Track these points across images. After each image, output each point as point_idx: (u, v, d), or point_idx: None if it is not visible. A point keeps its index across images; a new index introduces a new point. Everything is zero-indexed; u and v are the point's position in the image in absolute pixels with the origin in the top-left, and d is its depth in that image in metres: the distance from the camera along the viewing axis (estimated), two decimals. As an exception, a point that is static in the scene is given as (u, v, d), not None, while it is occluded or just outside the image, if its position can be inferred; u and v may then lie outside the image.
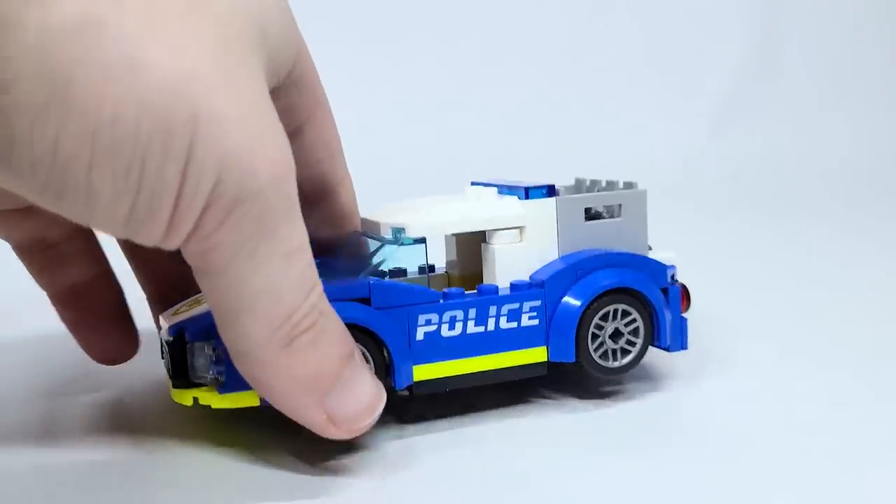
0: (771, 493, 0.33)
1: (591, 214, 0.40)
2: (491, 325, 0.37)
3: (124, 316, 0.41)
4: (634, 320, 0.39)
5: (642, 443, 0.37)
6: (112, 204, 0.25)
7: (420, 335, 0.36)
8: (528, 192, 0.39)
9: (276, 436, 0.36)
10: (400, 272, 0.42)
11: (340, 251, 0.40)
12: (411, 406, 0.39)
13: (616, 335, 0.39)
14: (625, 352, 0.39)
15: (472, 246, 0.42)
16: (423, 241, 0.38)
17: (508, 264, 0.38)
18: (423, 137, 0.89)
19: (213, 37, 0.26)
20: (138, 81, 0.24)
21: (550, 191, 0.39)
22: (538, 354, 0.38)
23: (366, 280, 0.36)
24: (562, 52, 0.99)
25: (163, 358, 0.36)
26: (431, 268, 0.44)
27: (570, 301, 0.38)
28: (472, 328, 0.37)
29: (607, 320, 0.38)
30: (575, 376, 0.42)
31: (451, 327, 0.37)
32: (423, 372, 0.37)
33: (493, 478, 0.33)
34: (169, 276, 0.41)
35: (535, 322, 0.38)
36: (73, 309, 0.40)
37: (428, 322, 0.36)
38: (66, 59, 0.24)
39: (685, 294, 0.40)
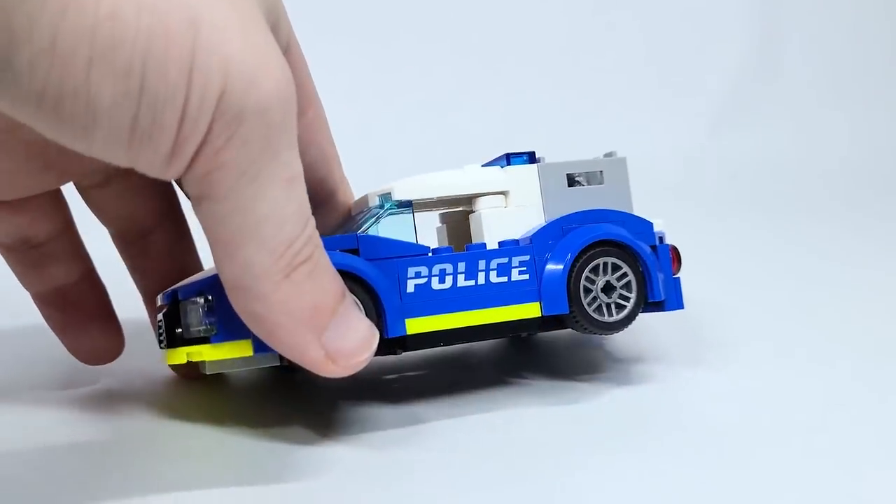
0: (771, 493, 0.33)
1: (574, 182, 0.41)
2: (481, 279, 0.38)
3: (109, 316, 0.41)
4: (625, 274, 0.39)
5: (640, 441, 0.37)
6: (113, 111, 0.24)
7: (411, 287, 0.37)
8: (509, 159, 0.40)
9: (272, 415, 0.36)
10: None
11: (336, 233, 0.40)
12: (400, 387, 0.39)
13: (608, 289, 0.39)
14: (619, 307, 0.39)
15: (461, 233, 0.42)
16: (408, 204, 0.39)
17: (496, 228, 0.39)
18: (421, 138, 0.89)
19: None
20: None
21: (531, 157, 0.40)
22: (532, 310, 0.38)
23: (354, 233, 0.36)
24: (561, 52, 0.99)
25: (160, 344, 0.36)
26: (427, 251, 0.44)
27: (559, 253, 0.39)
28: (462, 282, 0.37)
29: (598, 274, 0.39)
30: (571, 361, 0.42)
31: (441, 280, 0.37)
32: (416, 325, 0.37)
33: (487, 469, 0.33)
34: (164, 274, 0.40)
35: (526, 277, 0.38)
36: (57, 309, 0.40)
37: (418, 275, 0.37)
38: None
39: (676, 256, 0.41)
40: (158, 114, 0.24)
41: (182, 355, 0.34)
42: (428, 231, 0.44)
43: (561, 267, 0.38)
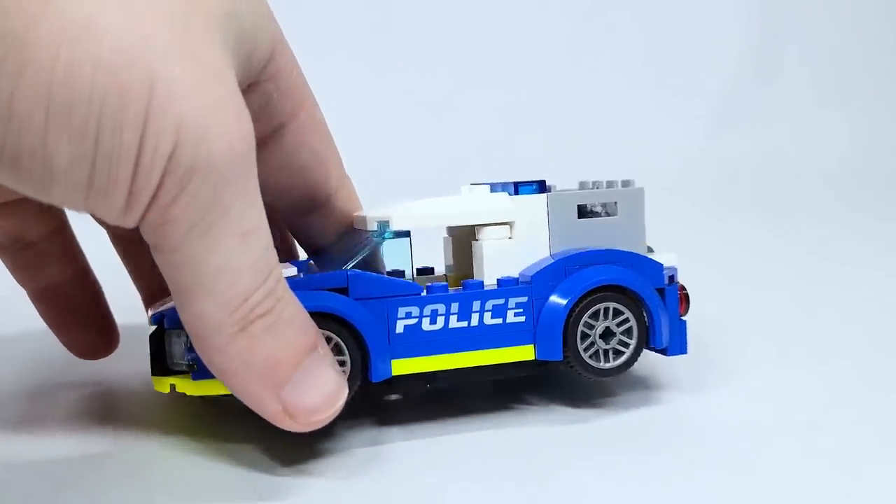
0: (771, 493, 0.33)
1: (586, 213, 0.39)
2: (475, 321, 0.36)
3: (103, 312, 0.41)
4: (627, 320, 0.37)
5: (641, 444, 0.37)
6: (70, 170, 0.25)
7: (400, 328, 0.35)
8: (517, 188, 0.38)
9: (250, 432, 0.36)
10: (398, 273, 0.42)
11: (335, 247, 0.40)
12: (391, 409, 0.39)
13: (607, 335, 0.37)
14: (617, 353, 0.38)
15: (467, 247, 0.41)
16: (406, 234, 0.38)
17: (497, 260, 0.38)
18: (421, 138, 0.89)
19: (172, 10, 0.26)
20: (94, 42, 0.24)
21: (541, 187, 0.39)
22: (525, 353, 0.37)
23: (344, 270, 0.35)
24: (561, 53, 0.99)
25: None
26: (430, 269, 0.44)
27: (558, 298, 0.37)
28: (454, 323, 0.36)
29: (598, 319, 0.37)
30: (566, 381, 0.42)
31: (433, 321, 0.36)
32: (403, 366, 0.36)
33: (476, 489, 0.33)
34: (161, 276, 0.40)
35: (521, 319, 0.37)
36: (52, 306, 0.40)
37: (408, 315, 0.36)
38: (22, 15, 0.23)
39: (684, 297, 0.39)
40: (112, 172, 0.25)
41: (166, 385, 0.34)
42: (434, 240, 0.43)
43: (559, 312, 0.36)
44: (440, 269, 0.44)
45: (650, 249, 0.41)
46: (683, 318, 0.39)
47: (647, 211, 0.41)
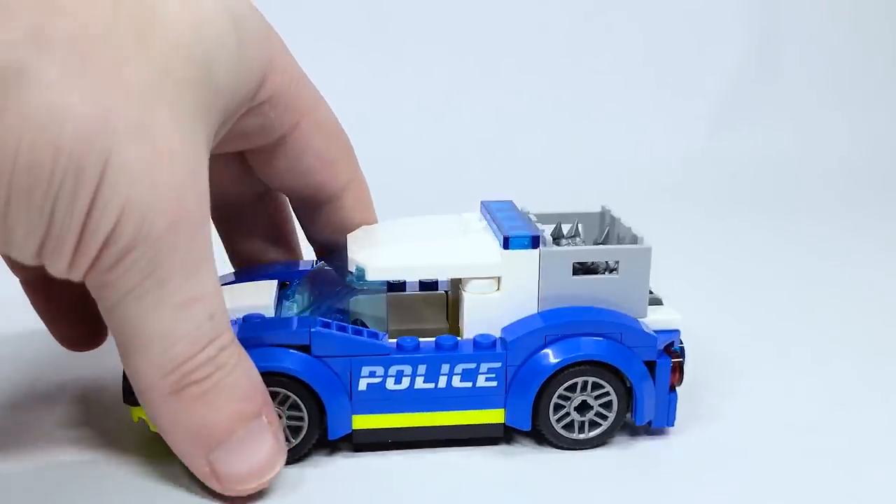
0: (771, 492, 0.33)
1: (587, 266, 0.38)
2: (442, 383, 0.35)
3: (93, 302, 0.41)
4: (607, 393, 0.35)
5: (638, 442, 0.37)
6: (25, 240, 0.27)
7: (363, 386, 0.34)
8: (507, 242, 0.35)
9: None
10: (398, 286, 0.41)
11: (340, 254, 0.39)
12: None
13: (584, 407, 0.36)
14: (594, 424, 0.36)
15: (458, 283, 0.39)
16: (384, 287, 0.38)
17: (480, 314, 0.36)
18: (421, 138, 0.89)
19: (140, 83, 0.27)
20: (55, 129, 0.26)
21: (534, 241, 0.36)
22: (495, 416, 0.35)
23: (306, 328, 0.34)
24: (561, 53, 0.99)
25: None
26: (434, 284, 0.42)
27: (532, 370, 0.35)
28: (420, 384, 0.35)
29: (575, 391, 0.35)
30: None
31: (398, 381, 0.35)
32: (364, 421, 0.35)
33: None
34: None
35: (493, 384, 0.35)
36: (43, 296, 0.40)
37: (372, 374, 0.34)
38: None
39: (677, 368, 0.36)
40: (60, 242, 0.27)
41: (136, 416, 0.34)
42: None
43: (531, 385, 0.35)
44: (443, 283, 0.42)
45: (658, 301, 0.39)
46: (674, 391, 0.36)
47: (648, 209, 0.41)
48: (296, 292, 0.39)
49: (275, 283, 0.39)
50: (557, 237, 0.41)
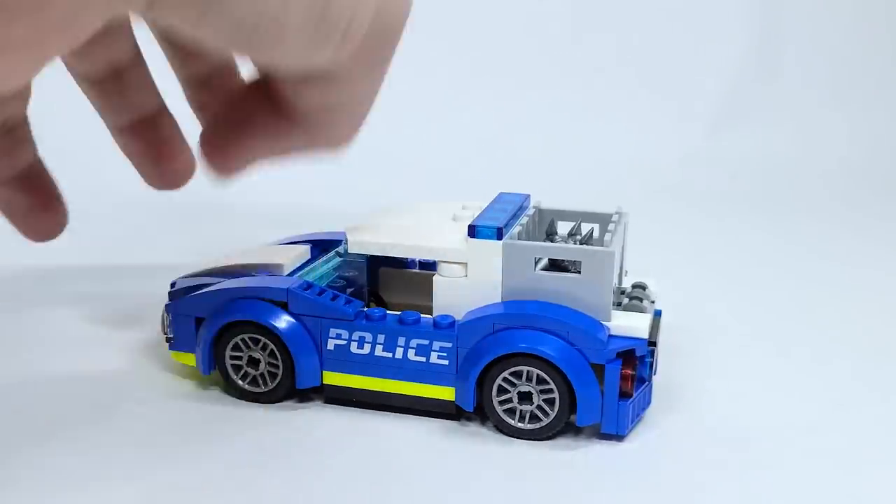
0: (771, 492, 0.33)
1: (559, 264, 0.38)
2: (399, 354, 0.37)
3: (184, 144, 0.43)
4: (551, 390, 0.36)
5: (640, 443, 0.37)
6: (297, 33, 0.28)
7: (331, 346, 0.38)
8: (474, 230, 0.37)
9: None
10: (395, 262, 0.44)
11: None
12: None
13: (526, 398, 0.36)
14: (536, 416, 0.36)
15: None
16: (362, 258, 0.42)
17: (449, 297, 0.38)
18: (420, 138, 0.89)
19: None
20: None
21: (499, 233, 0.37)
22: (447, 393, 0.37)
23: (285, 286, 0.38)
24: (561, 52, 0.99)
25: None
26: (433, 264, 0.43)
27: (475, 355, 0.36)
28: (380, 352, 0.38)
29: (521, 379, 0.36)
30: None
31: (360, 346, 0.38)
32: (332, 378, 0.38)
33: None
34: (136, 108, 0.42)
35: (445, 362, 0.37)
36: (139, 139, 0.41)
37: (338, 336, 0.38)
38: None
39: (629, 377, 0.35)
40: (331, 32, 0.28)
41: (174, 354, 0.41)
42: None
43: (473, 369, 0.36)
44: None
45: (652, 302, 0.39)
46: (625, 399, 0.36)
47: (648, 209, 0.41)
48: (329, 260, 0.44)
49: (307, 247, 0.43)
50: (551, 233, 0.42)
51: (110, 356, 0.45)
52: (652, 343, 0.37)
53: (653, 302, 0.39)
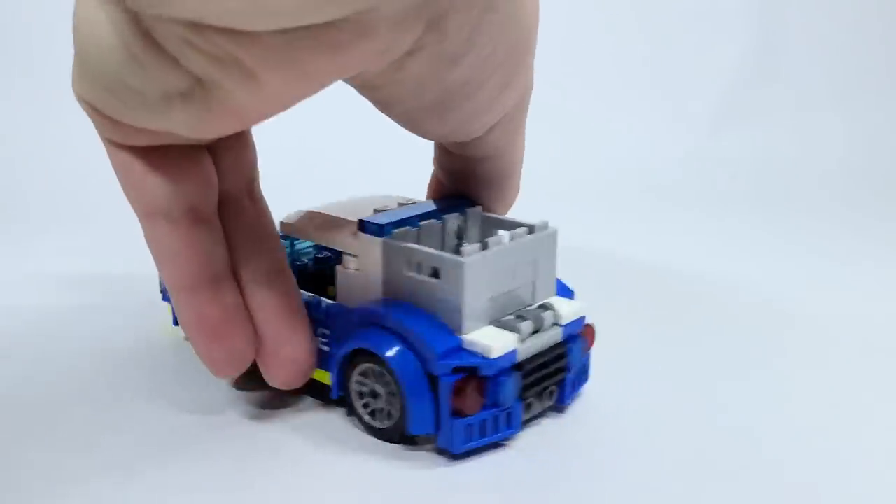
0: (771, 492, 0.33)
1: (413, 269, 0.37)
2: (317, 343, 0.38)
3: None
4: (394, 392, 0.35)
5: (639, 443, 0.37)
6: (487, 105, 0.34)
7: None
8: (363, 225, 0.37)
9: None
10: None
11: None
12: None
13: (374, 395, 0.36)
14: (388, 415, 0.36)
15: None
16: (286, 237, 0.42)
17: (346, 288, 0.38)
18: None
19: None
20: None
21: (381, 230, 0.37)
22: (328, 378, 0.38)
23: None
24: (561, 52, 0.99)
25: None
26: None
27: (337, 347, 0.37)
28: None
29: (368, 377, 0.36)
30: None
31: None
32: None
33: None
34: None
35: (326, 348, 0.38)
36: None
37: None
38: None
39: (461, 393, 0.34)
40: (495, 99, 0.35)
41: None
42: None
43: (333, 361, 0.37)
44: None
45: (534, 314, 0.36)
46: (462, 416, 0.34)
47: (647, 209, 0.41)
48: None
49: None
50: (461, 239, 0.41)
51: (111, 356, 0.45)
52: (521, 367, 0.35)
53: (555, 324, 0.37)
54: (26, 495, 0.32)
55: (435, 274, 0.35)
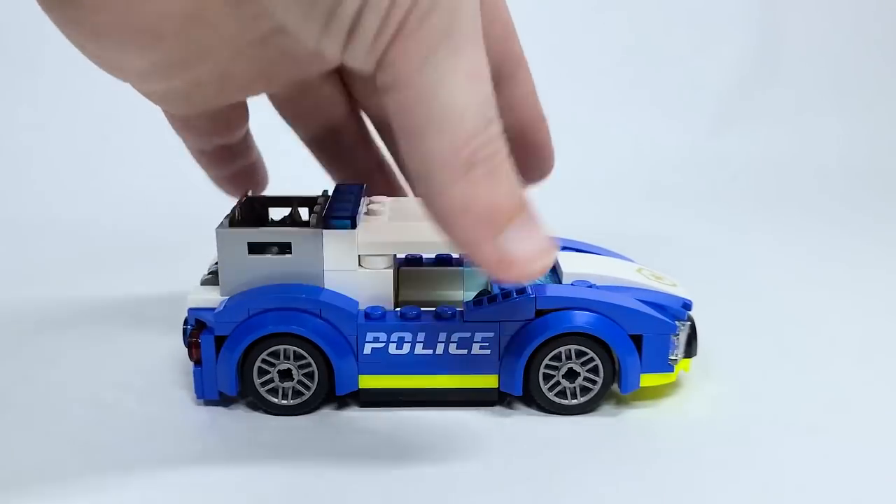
0: (771, 492, 0.33)
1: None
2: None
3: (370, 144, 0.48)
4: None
5: (640, 444, 0.37)
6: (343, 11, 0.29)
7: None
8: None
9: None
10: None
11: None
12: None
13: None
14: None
15: None
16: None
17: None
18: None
19: None
20: None
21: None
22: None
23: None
24: (561, 52, 0.99)
25: None
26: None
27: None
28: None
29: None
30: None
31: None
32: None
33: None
34: (356, 167, 0.48)
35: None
36: (329, 149, 0.45)
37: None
38: None
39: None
40: (373, 15, 0.28)
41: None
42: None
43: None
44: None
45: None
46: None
47: (647, 209, 0.41)
48: None
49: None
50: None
51: (110, 354, 0.45)
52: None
53: None
54: (26, 495, 0.32)
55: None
